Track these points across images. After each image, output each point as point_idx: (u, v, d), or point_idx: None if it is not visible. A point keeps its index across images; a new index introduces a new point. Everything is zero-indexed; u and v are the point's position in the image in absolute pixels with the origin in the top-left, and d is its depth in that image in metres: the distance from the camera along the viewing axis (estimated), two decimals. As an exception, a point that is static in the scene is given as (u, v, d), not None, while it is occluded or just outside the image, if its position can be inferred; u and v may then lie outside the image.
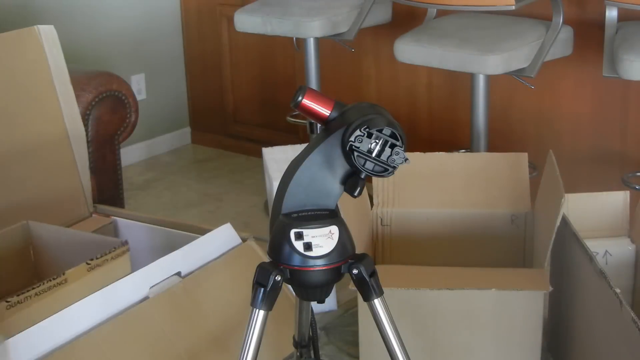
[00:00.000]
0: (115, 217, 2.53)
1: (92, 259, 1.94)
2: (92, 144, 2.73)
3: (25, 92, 2.45)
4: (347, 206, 2.13)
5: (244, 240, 2.27)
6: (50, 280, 1.84)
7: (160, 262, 2.03)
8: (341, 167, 1.47)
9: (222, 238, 2.21)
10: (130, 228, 2.49)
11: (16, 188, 2.40)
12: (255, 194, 3.65)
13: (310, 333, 1.75)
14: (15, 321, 1.76)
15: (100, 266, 1.96)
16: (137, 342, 1.90)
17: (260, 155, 3.28)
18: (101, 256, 1.97)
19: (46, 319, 1.75)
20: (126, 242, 2.05)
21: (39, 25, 2.50)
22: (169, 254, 2.07)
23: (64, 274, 1.87)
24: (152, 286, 1.99)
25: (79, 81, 2.63)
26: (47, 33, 2.51)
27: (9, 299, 1.76)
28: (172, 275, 2.05)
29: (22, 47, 2.46)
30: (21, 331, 1.74)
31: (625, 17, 2.65)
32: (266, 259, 1.53)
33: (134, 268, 2.10)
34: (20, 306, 1.77)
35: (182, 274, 2.08)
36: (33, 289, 1.80)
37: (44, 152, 2.46)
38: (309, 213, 1.49)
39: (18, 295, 1.77)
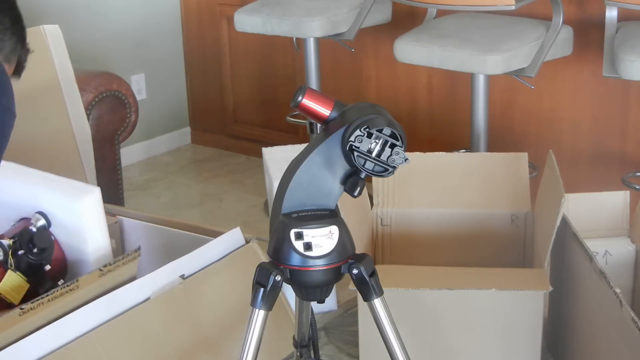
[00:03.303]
0: (120, 217, 2.53)
1: (105, 266, 1.95)
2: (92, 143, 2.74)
3: (31, 91, 2.45)
4: (347, 206, 2.13)
5: (247, 241, 2.27)
6: (64, 287, 1.85)
7: (168, 268, 2.03)
8: (341, 167, 1.47)
9: (229, 241, 2.21)
10: (135, 228, 2.49)
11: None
12: (255, 194, 3.65)
13: (310, 333, 1.75)
14: (26, 326, 1.77)
15: (111, 272, 1.97)
16: (134, 343, 1.89)
17: (260, 155, 3.28)
18: (114, 262, 1.97)
19: (50, 324, 1.76)
20: (139, 248, 2.05)
21: (44, 25, 2.50)
22: (175, 258, 2.07)
23: (77, 280, 1.88)
24: (156, 289, 1.99)
25: (79, 81, 2.63)
26: (52, 33, 2.51)
27: (23, 307, 1.77)
28: (176, 277, 2.05)
29: (27, 47, 2.46)
30: (28, 333, 1.74)
31: (625, 17, 2.65)
32: (267, 260, 1.53)
33: (139, 268, 2.10)
34: (32, 312, 1.78)
35: (186, 276, 2.08)
36: (47, 295, 1.81)
37: (50, 151, 2.46)
38: (309, 213, 1.49)
39: (32, 302, 1.78)
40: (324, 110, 1.47)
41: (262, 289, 1.48)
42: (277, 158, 3.07)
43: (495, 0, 2.59)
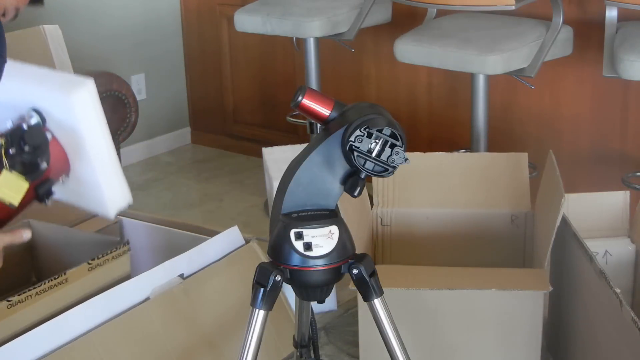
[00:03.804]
0: (120, 217, 2.53)
1: (93, 259, 1.94)
2: (92, 144, 2.73)
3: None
4: (347, 206, 2.13)
5: (247, 241, 2.27)
6: (52, 280, 1.84)
7: (165, 265, 2.03)
8: (341, 167, 1.47)
9: (227, 240, 2.21)
10: (135, 228, 2.49)
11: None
12: (255, 194, 3.65)
13: (310, 333, 1.75)
14: (15, 319, 1.76)
15: (100, 266, 1.95)
16: (134, 343, 1.89)
17: (260, 155, 3.28)
18: (102, 256, 1.96)
19: (48, 322, 1.76)
20: (127, 242, 2.05)
21: (44, 25, 2.49)
22: (174, 257, 2.07)
23: (64, 273, 1.87)
24: (155, 287, 1.99)
25: (79, 81, 2.63)
26: (52, 33, 2.51)
27: (10, 299, 1.76)
28: (175, 277, 2.05)
29: (27, 47, 2.45)
30: (21, 330, 1.74)
31: (625, 17, 2.65)
32: (267, 260, 1.53)
33: (138, 268, 2.09)
34: (20, 305, 1.77)
35: (185, 276, 2.08)
36: (34, 288, 1.80)
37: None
38: (309, 213, 1.49)
39: (19, 295, 1.77)
40: (324, 110, 1.47)
41: (262, 289, 1.48)
42: (277, 158, 3.07)
43: (495, 0, 2.59)
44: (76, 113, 1.80)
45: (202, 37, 4.14)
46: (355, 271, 1.50)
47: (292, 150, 3.04)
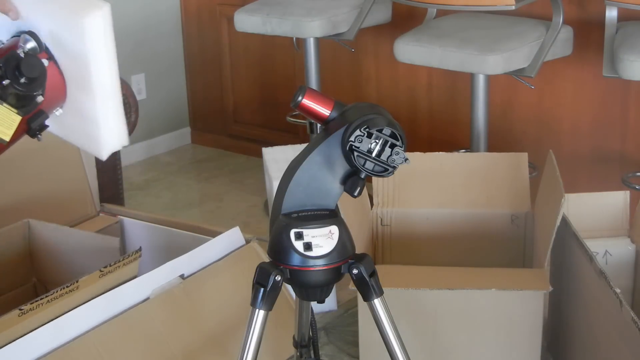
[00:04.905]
0: (121, 217, 2.53)
1: (105, 267, 1.93)
2: (92, 143, 2.73)
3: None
4: (347, 206, 2.13)
5: (247, 241, 2.26)
6: (64, 288, 1.84)
7: (167, 266, 2.03)
8: (341, 167, 1.47)
9: (228, 241, 2.21)
10: (136, 228, 2.49)
11: (22, 186, 2.39)
12: (255, 194, 3.65)
13: (310, 333, 1.75)
14: (26, 326, 1.76)
15: (111, 272, 1.95)
16: (134, 342, 1.89)
17: (260, 155, 3.28)
18: (114, 263, 1.96)
19: (50, 322, 1.76)
20: (140, 249, 2.04)
21: None
22: (176, 258, 2.06)
23: (77, 281, 1.87)
24: (155, 288, 1.99)
25: (79, 80, 2.62)
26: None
27: (22, 307, 1.76)
28: (175, 277, 2.05)
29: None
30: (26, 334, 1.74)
31: (625, 17, 2.65)
32: (268, 260, 1.53)
33: (139, 268, 2.09)
34: (31, 313, 1.76)
35: (185, 276, 2.08)
36: (46, 296, 1.80)
37: (50, 150, 2.46)
38: (309, 213, 1.49)
39: (31, 303, 1.77)
40: (324, 110, 1.47)
41: (262, 289, 1.48)
42: (277, 158, 3.07)
43: (495, 0, 2.59)
44: (86, 38, 1.63)
45: (202, 37, 4.14)
46: (355, 271, 1.50)
47: (292, 150, 3.04)
